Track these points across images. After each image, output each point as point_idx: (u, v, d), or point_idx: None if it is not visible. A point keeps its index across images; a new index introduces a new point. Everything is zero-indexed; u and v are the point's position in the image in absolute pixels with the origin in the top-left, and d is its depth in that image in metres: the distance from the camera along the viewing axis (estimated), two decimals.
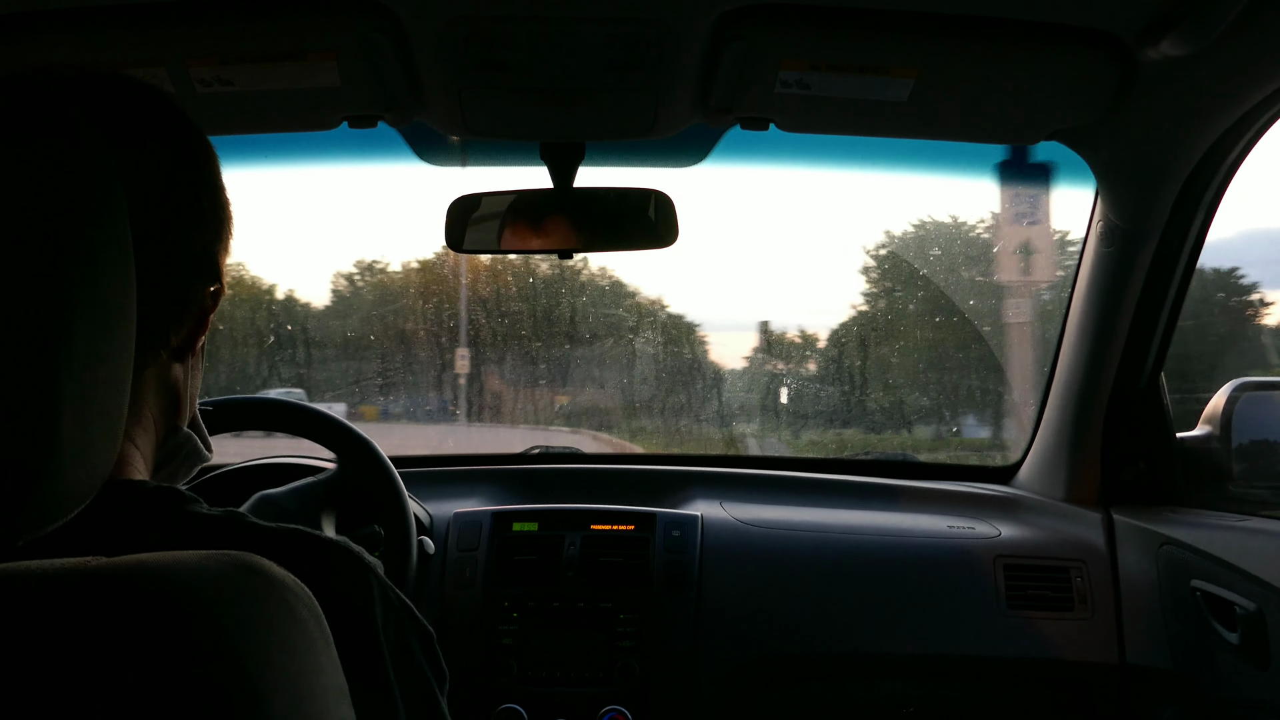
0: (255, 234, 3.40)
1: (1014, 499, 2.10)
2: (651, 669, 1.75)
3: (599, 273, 4.11)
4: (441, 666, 0.76)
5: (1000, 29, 1.30)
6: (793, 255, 4.09)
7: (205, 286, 0.78)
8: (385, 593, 0.73)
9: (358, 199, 4.01)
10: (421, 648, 0.75)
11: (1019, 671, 1.81)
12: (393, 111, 1.48)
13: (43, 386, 0.54)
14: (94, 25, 1.26)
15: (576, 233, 1.67)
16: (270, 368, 4.34)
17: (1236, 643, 1.55)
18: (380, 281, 5.03)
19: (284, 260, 5.39)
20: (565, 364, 4.02)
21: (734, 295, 4.32)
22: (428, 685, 0.74)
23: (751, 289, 4.33)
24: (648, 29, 1.26)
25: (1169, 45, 1.25)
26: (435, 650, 0.76)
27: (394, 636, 0.72)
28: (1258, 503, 1.74)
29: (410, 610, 0.75)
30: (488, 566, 1.83)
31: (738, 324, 4.17)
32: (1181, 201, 1.65)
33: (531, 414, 4.25)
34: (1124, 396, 1.88)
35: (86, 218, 0.58)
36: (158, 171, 0.74)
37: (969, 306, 3.31)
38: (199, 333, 0.79)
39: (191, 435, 0.82)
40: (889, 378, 3.76)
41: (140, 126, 0.74)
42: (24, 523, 0.56)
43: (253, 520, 0.73)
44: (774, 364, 4.00)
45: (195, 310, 0.77)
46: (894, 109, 1.45)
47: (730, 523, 1.94)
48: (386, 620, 0.72)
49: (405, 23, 1.25)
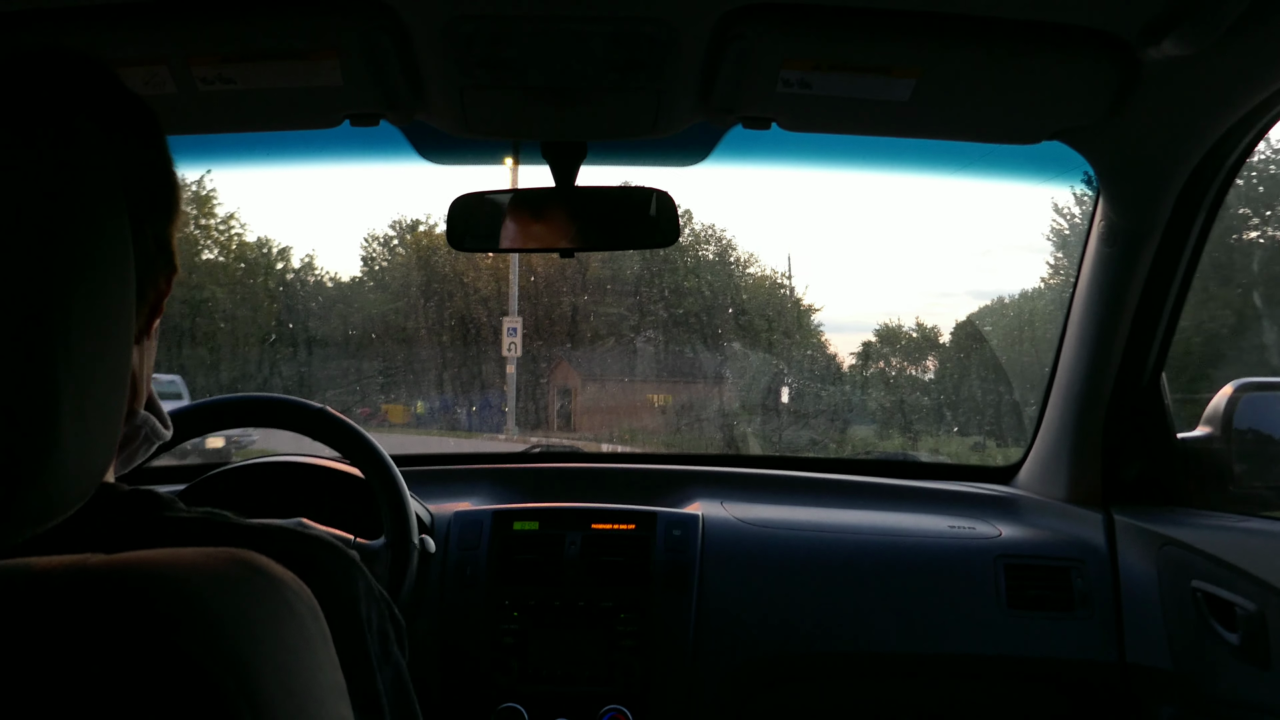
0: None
1: (1015, 499, 2.10)
2: (652, 668, 1.75)
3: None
4: (405, 657, 0.81)
5: (1002, 29, 1.30)
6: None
7: (162, 272, 0.78)
8: (368, 585, 0.76)
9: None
10: (396, 639, 0.79)
11: (1019, 671, 1.81)
12: (394, 110, 1.48)
13: (41, 383, 0.54)
14: (95, 23, 1.26)
15: (578, 231, 1.67)
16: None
17: (1237, 643, 1.55)
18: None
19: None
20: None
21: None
22: (403, 675, 0.78)
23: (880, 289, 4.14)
24: (650, 28, 1.26)
25: (1171, 45, 1.25)
26: (405, 642, 0.81)
27: (376, 628, 0.75)
28: (1259, 503, 1.74)
29: (388, 601, 0.79)
30: (489, 566, 1.83)
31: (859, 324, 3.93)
32: (1183, 201, 1.65)
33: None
34: (1125, 396, 1.88)
35: (85, 212, 0.58)
36: (103, 153, 0.69)
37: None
38: (155, 318, 0.79)
39: (149, 416, 0.83)
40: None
41: (78, 105, 0.68)
42: (22, 520, 0.56)
43: (233, 519, 0.73)
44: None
45: (152, 297, 0.77)
46: (896, 109, 1.45)
47: (731, 522, 1.94)
48: (369, 612, 0.75)
49: (407, 22, 1.25)
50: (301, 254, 6.08)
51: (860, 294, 7.42)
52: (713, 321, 3.39)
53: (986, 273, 4.36)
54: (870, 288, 4.24)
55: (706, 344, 3.43)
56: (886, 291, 3.96)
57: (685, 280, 3.25)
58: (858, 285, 5.89)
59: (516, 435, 3.52)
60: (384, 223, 4.16)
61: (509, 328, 3.40)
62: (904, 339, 4.34)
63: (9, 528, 0.55)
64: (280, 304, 4.29)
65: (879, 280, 5.57)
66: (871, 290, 5.14)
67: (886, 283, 4.31)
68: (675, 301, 3.12)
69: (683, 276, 3.28)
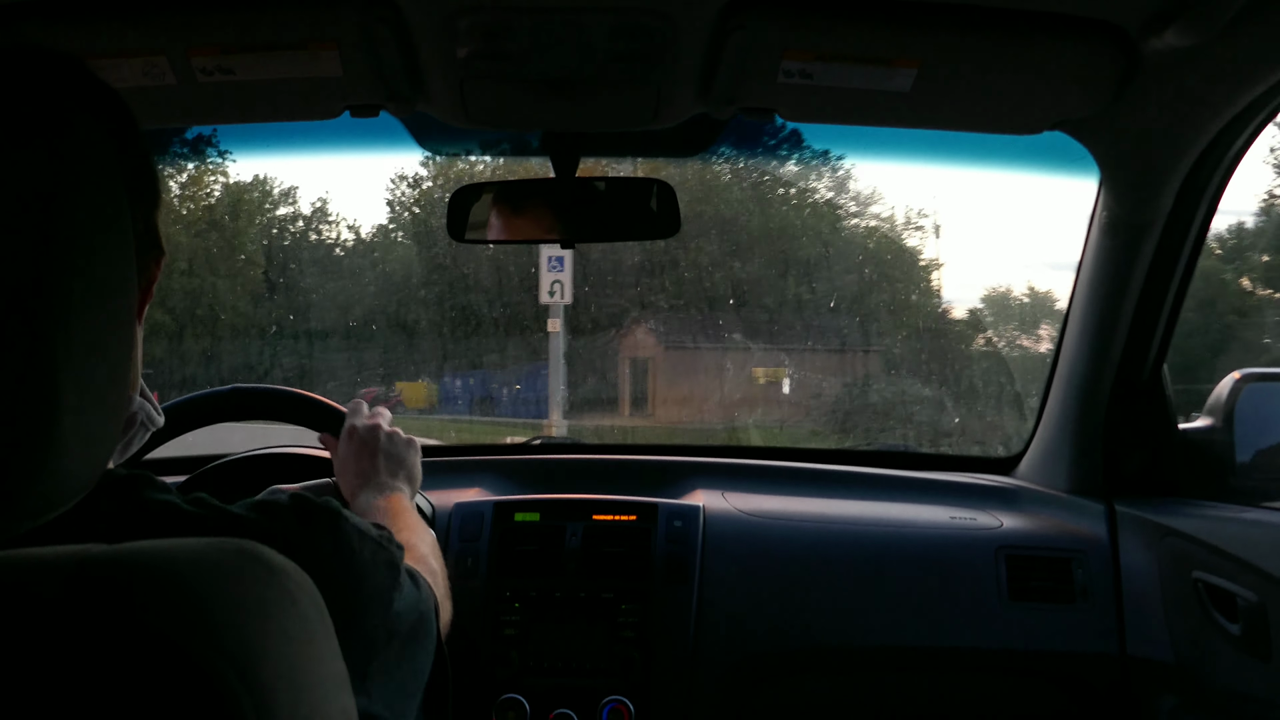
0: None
1: (1016, 490, 2.10)
2: (653, 660, 1.76)
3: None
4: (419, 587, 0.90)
5: (1003, 19, 1.30)
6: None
7: (152, 257, 0.79)
8: (358, 527, 0.81)
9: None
10: (388, 568, 0.84)
11: (1020, 663, 1.81)
12: (394, 101, 1.47)
13: (41, 375, 0.54)
14: (94, 14, 1.26)
15: (578, 222, 1.67)
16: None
17: (1238, 634, 1.55)
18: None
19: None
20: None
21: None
22: (407, 596, 0.85)
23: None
24: (650, 19, 1.26)
25: (1173, 36, 1.24)
26: (407, 571, 0.88)
27: (383, 561, 0.83)
28: (1260, 494, 1.74)
29: (381, 535, 0.85)
30: (489, 557, 1.84)
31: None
32: (1185, 192, 1.64)
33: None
34: (1126, 387, 1.88)
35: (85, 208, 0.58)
36: (104, 148, 0.68)
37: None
38: (145, 303, 0.80)
39: (144, 403, 0.84)
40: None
41: (76, 102, 0.68)
42: (23, 512, 0.56)
43: (216, 504, 0.74)
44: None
45: (144, 283, 0.78)
46: (897, 99, 1.45)
47: (732, 513, 1.94)
48: (363, 551, 0.80)
49: (407, 13, 1.25)
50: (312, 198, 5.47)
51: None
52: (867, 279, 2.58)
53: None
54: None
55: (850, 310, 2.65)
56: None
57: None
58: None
59: (567, 421, 2.61)
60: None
61: (550, 259, 2.37)
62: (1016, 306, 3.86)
63: (9, 520, 0.56)
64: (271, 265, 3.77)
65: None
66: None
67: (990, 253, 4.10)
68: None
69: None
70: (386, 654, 0.81)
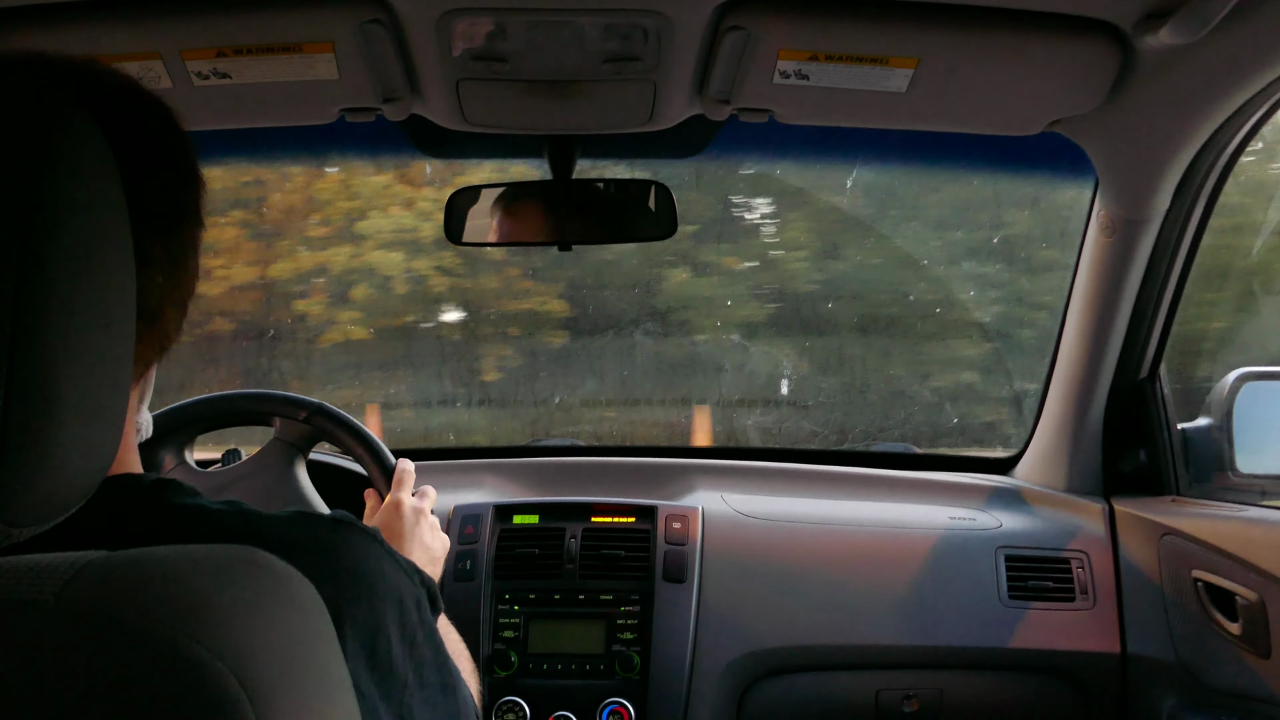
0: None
1: (1015, 490, 2.09)
2: (652, 661, 1.75)
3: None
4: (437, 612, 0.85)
5: (999, 18, 1.30)
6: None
7: (182, 269, 0.77)
8: (393, 555, 0.77)
9: None
10: (430, 601, 0.81)
11: (1020, 662, 1.81)
12: (390, 104, 1.47)
13: (40, 385, 0.54)
14: (90, 17, 1.26)
15: (576, 224, 1.67)
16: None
17: (1238, 633, 1.55)
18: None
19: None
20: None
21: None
22: (434, 635, 0.80)
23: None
24: (645, 20, 1.26)
25: (1168, 34, 1.24)
26: (439, 602, 0.86)
27: (408, 593, 0.77)
28: (1259, 493, 1.74)
29: (413, 567, 0.81)
30: (489, 559, 1.83)
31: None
32: (1182, 191, 1.64)
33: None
34: (1125, 386, 1.88)
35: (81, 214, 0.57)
36: (101, 154, 0.63)
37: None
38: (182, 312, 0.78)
39: (150, 416, 0.84)
40: None
41: (72, 108, 0.63)
42: (21, 520, 0.56)
43: (249, 509, 0.73)
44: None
45: (180, 294, 0.76)
46: (893, 99, 1.45)
47: (731, 515, 1.94)
48: (397, 580, 0.76)
49: (402, 15, 1.25)
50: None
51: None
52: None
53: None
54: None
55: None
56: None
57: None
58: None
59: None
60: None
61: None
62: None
63: (5, 527, 0.55)
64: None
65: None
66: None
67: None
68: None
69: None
70: (421, 692, 0.75)
